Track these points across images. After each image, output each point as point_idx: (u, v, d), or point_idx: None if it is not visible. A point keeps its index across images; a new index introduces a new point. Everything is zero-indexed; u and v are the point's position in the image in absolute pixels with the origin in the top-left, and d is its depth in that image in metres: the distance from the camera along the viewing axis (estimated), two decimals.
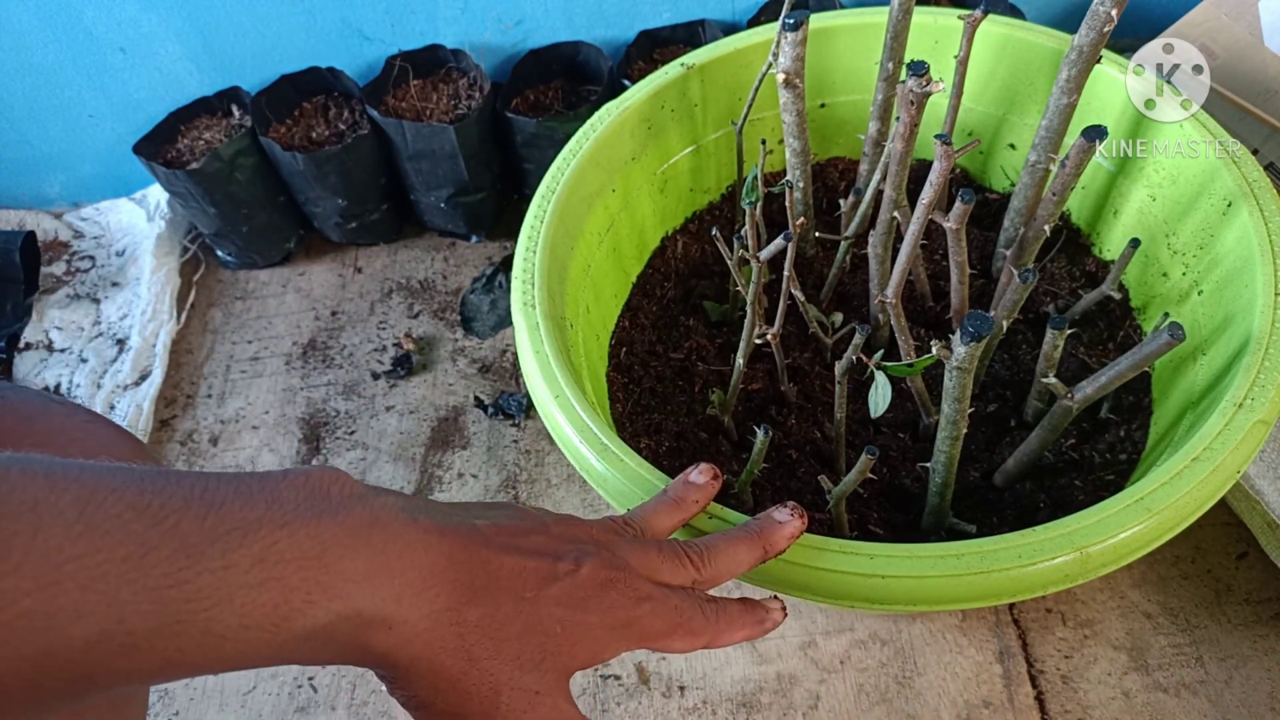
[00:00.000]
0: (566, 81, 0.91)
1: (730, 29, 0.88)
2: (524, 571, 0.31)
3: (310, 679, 0.67)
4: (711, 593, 0.37)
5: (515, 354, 0.83)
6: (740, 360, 0.55)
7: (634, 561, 0.35)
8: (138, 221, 0.96)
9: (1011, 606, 0.65)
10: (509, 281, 0.59)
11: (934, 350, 0.43)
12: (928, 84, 0.44)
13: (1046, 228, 0.57)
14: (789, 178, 0.63)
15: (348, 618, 0.26)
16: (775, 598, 0.40)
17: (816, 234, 0.67)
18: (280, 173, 0.89)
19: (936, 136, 0.44)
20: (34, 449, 0.35)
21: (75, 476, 0.24)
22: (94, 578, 0.22)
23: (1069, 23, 0.86)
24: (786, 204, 0.50)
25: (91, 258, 0.96)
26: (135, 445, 0.40)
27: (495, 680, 0.29)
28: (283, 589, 0.25)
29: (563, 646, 0.31)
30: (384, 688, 0.30)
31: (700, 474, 0.42)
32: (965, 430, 0.48)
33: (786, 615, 0.39)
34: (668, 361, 0.65)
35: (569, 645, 0.31)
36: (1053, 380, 0.50)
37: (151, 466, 0.26)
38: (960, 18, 0.53)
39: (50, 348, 0.89)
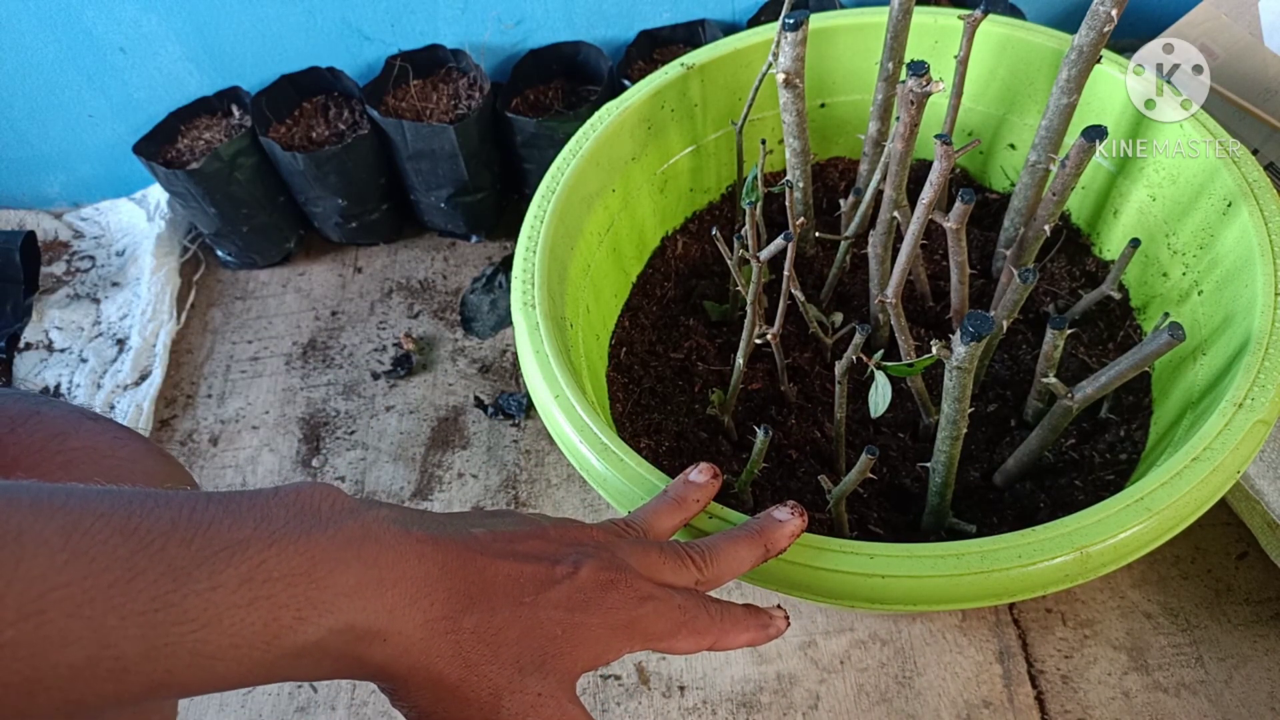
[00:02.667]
0: (566, 81, 0.91)
1: (730, 29, 0.88)
2: (521, 576, 0.31)
3: None
4: (713, 595, 0.37)
5: (515, 354, 0.83)
6: (740, 360, 0.55)
7: (635, 563, 0.35)
8: (138, 221, 0.96)
9: (1011, 606, 0.65)
10: (509, 281, 0.59)
11: (934, 350, 0.43)
12: (928, 84, 0.44)
13: (1046, 228, 0.57)
14: (789, 178, 0.63)
15: (340, 632, 0.26)
16: (779, 606, 0.40)
17: (816, 234, 0.67)
18: (280, 173, 0.89)
19: (936, 136, 0.44)
20: (64, 465, 0.35)
21: (62, 504, 0.23)
22: (80, 604, 0.22)
23: (1069, 23, 0.86)
24: (786, 204, 0.50)
25: (91, 258, 0.96)
26: (165, 461, 0.40)
27: (495, 685, 0.29)
28: (272, 607, 0.25)
29: (564, 649, 0.31)
30: (387, 700, 0.30)
31: (700, 473, 0.42)
32: (965, 430, 0.48)
33: (789, 624, 0.39)
34: (668, 361, 0.65)
35: (570, 647, 0.31)
36: (1053, 380, 0.50)
37: (141, 489, 0.25)
38: (960, 18, 0.53)
39: (50, 348, 0.89)
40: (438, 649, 0.28)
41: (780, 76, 0.56)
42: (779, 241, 0.46)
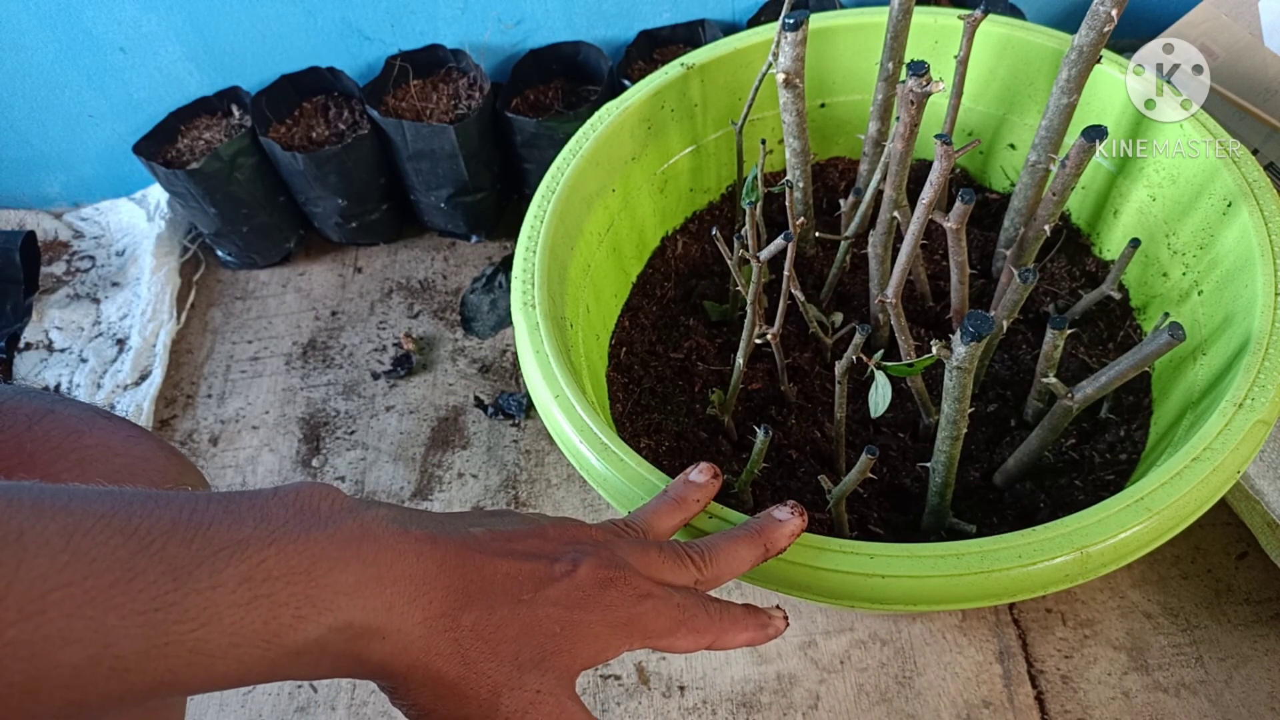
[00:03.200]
0: (566, 81, 0.91)
1: (730, 29, 0.88)
2: (519, 574, 0.31)
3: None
4: (713, 594, 0.37)
5: (515, 354, 0.83)
6: (740, 360, 0.55)
7: (634, 561, 0.35)
8: (138, 221, 0.96)
9: (1011, 606, 0.65)
10: (509, 281, 0.59)
11: (934, 350, 0.43)
12: (928, 84, 0.44)
13: (1046, 228, 0.57)
14: (789, 178, 0.63)
15: (339, 630, 0.26)
16: (778, 607, 0.40)
17: (816, 234, 0.67)
18: (280, 173, 0.89)
19: (936, 136, 0.44)
20: (79, 463, 0.35)
21: (63, 505, 0.24)
22: (80, 604, 0.22)
23: (1069, 23, 0.86)
24: (786, 204, 0.50)
25: (91, 258, 0.96)
26: (177, 459, 0.40)
27: (494, 683, 0.29)
28: (271, 606, 0.25)
29: (563, 646, 0.31)
30: (387, 699, 0.30)
31: (700, 473, 0.42)
32: (965, 430, 0.48)
33: (789, 624, 0.39)
34: (668, 361, 0.65)
35: (569, 645, 0.31)
36: (1053, 380, 0.50)
37: (142, 489, 0.26)
38: (960, 18, 0.53)
39: (50, 348, 0.89)
40: (436, 647, 0.28)
41: (780, 76, 0.56)
42: (779, 241, 0.46)
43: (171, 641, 0.23)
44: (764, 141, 0.57)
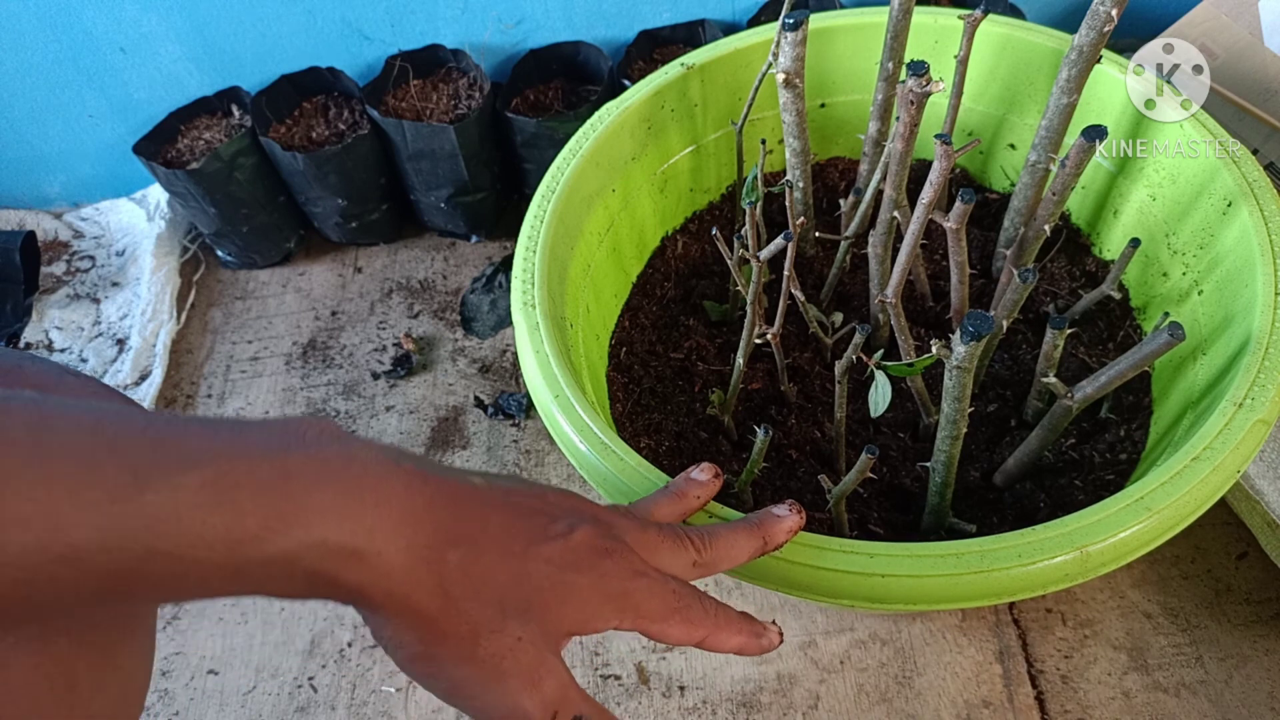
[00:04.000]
0: (566, 81, 0.91)
1: (730, 29, 0.88)
2: (513, 527, 0.31)
3: (310, 679, 0.67)
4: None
5: (515, 354, 0.83)
6: (740, 360, 0.55)
7: (632, 540, 0.34)
8: (138, 221, 0.96)
9: (1011, 606, 0.66)
10: (509, 281, 0.59)
11: (934, 350, 0.43)
12: (928, 84, 0.44)
13: (1046, 228, 0.57)
14: (789, 178, 0.64)
15: (313, 547, 0.26)
16: (774, 623, 0.39)
17: (816, 234, 0.67)
18: (280, 173, 0.89)
19: (936, 136, 0.44)
20: None
21: (33, 406, 0.24)
22: (33, 487, 0.22)
23: (1069, 23, 0.86)
24: (786, 204, 0.50)
25: (91, 258, 0.96)
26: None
27: (474, 623, 0.29)
28: (235, 513, 0.24)
29: (550, 602, 0.30)
30: (370, 632, 0.29)
31: (702, 472, 0.42)
32: (965, 430, 0.48)
33: (783, 640, 0.39)
34: (668, 361, 0.65)
35: (557, 602, 0.31)
36: (1053, 380, 0.50)
37: (126, 407, 0.26)
38: (960, 18, 0.53)
39: (50, 348, 0.89)
40: (418, 577, 0.28)
41: (780, 76, 0.56)
42: (779, 241, 0.46)
43: (127, 535, 0.23)
44: (764, 141, 0.57)
